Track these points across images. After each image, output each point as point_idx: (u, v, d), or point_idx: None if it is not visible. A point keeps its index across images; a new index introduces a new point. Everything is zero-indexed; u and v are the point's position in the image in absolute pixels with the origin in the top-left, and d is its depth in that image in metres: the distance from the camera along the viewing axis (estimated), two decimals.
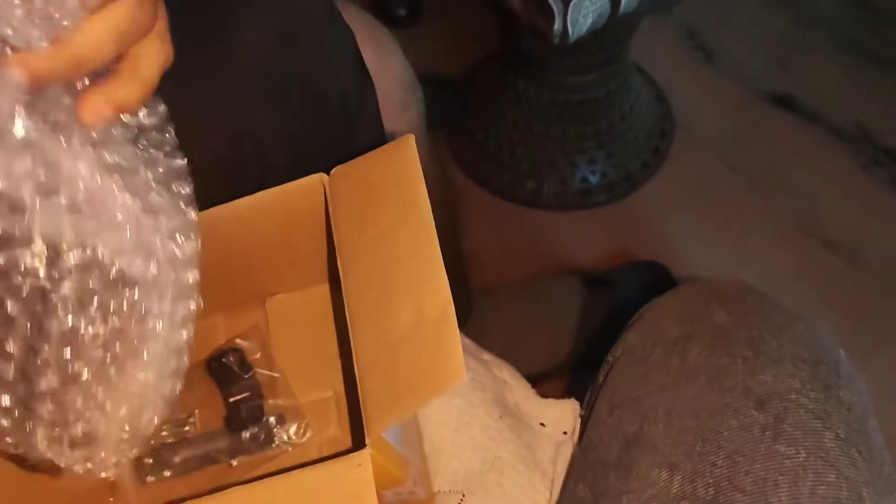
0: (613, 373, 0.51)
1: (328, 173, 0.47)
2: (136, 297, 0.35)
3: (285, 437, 0.51)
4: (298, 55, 0.53)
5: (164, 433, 0.52)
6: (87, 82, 0.33)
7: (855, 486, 0.39)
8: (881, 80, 1.29)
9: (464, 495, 0.51)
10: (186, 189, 0.38)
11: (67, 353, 0.34)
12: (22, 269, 0.31)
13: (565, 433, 0.56)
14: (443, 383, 0.35)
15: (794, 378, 0.43)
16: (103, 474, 0.39)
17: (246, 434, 0.51)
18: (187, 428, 0.52)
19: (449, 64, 1.32)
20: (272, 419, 0.51)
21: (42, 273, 0.32)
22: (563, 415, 0.57)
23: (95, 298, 0.33)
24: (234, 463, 0.50)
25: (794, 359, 0.44)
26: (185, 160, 0.38)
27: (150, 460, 0.50)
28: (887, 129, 1.23)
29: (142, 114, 0.36)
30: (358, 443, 0.37)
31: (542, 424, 0.57)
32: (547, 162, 1.17)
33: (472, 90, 1.27)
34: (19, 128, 0.29)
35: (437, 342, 0.36)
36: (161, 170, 0.37)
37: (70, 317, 0.33)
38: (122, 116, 0.34)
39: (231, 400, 0.52)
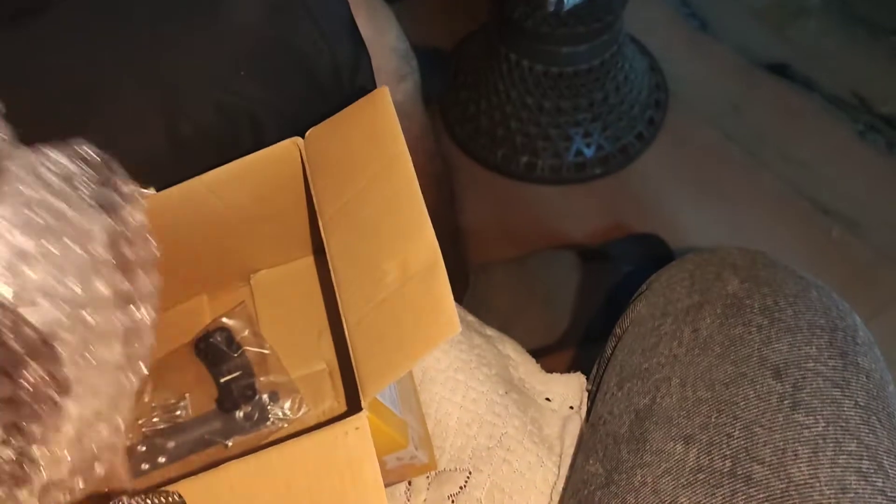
0: (622, 345, 0.49)
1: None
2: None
3: (280, 414, 0.50)
4: (290, 24, 0.51)
5: (155, 419, 0.50)
6: None
7: (876, 455, 0.38)
8: (877, 47, 1.28)
9: (470, 472, 0.50)
10: None
11: None
12: None
13: (571, 408, 0.55)
14: (435, 336, 0.34)
15: (810, 346, 0.42)
16: None
17: (239, 414, 0.50)
18: (179, 412, 0.51)
19: (441, 36, 1.30)
20: (265, 396, 0.50)
21: None
22: (569, 389, 0.55)
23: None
24: (230, 444, 0.49)
25: (810, 326, 0.43)
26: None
27: (143, 448, 0.49)
28: (883, 96, 1.23)
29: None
30: (355, 411, 0.36)
31: (547, 399, 0.55)
32: (541, 135, 1.15)
33: (465, 63, 1.25)
34: None
35: (425, 296, 0.35)
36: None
37: None
38: None
39: (222, 380, 0.51)
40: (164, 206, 0.45)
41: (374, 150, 0.41)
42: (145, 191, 0.45)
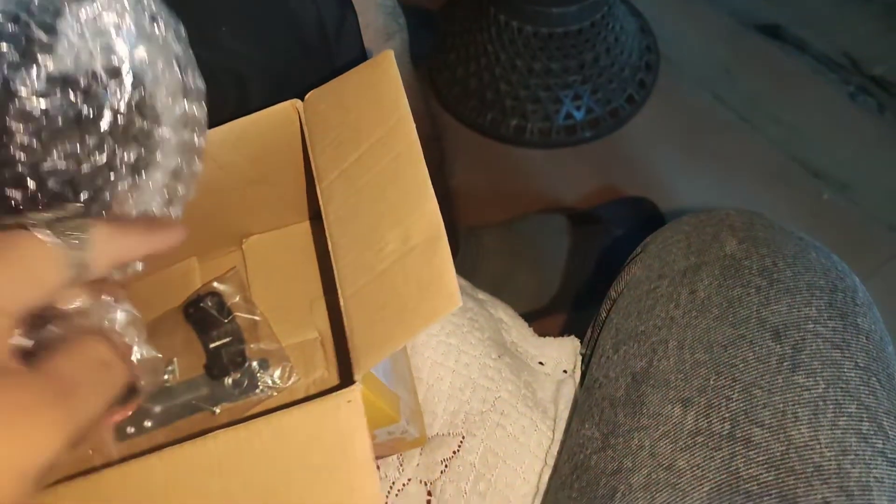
0: (617, 308, 0.48)
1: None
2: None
3: (269, 382, 0.49)
4: None
5: (142, 383, 0.49)
6: None
7: (876, 417, 0.38)
8: (868, 8, 1.26)
9: (463, 437, 0.49)
10: None
11: None
12: None
13: (565, 371, 0.55)
14: (435, 311, 0.33)
15: (810, 307, 0.41)
16: None
17: (228, 380, 0.49)
18: (166, 377, 0.50)
19: None
20: (255, 364, 0.49)
21: None
22: (562, 353, 0.55)
23: None
24: (217, 411, 0.48)
25: (809, 287, 0.42)
26: None
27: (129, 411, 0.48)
28: (874, 57, 1.22)
29: None
30: (347, 383, 0.35)
31: (540, 363, 0.55)
32: (531, 98, 1.14)
33: (452, 24, 1.22)
34: None
35: (426, 268, 0.34)
36: None
37: None
38: None
39: (211, 346, 0.50)
40: None
41: (376, 116, 0.40)
42: None
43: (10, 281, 0.27)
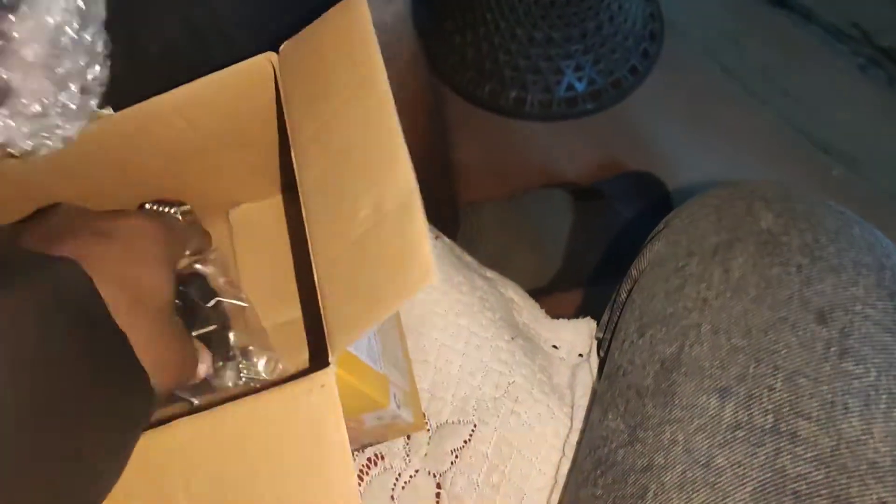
0: (639, 288, 0.45)
1: None
2: None
3: (253, 374, 0.45)
4: None
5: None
6: None
7: None
8: None
9: (475, 425, 0.46)
10: None
11: None
12: None
13: (581, 356, 0.51)
14: (407, 287, 0.29)
15: (857, 286, 0.38)
16: None
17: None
18: None
19: None
20: (239, 353, 0.45)
21: None
22: (577, 336, 0.51)
23: None
24: (196, 402, 0.45)
25: (855, 265, 0.38)
26: None
27: None
28: (884, 28, 1.18)
29: None
30: (322, 365, 0.31)
31: (554, 347, 0.51)
32: (531, 68, 1.10)
33: None
34: None
35: (399, 239, 0.30)
36: None
37: None
38: None
39: (194, 334, 0.46)
40: (123, 128, 0.40)
41: (347, 67, 0.36)
42: (103, 111, 0.40)
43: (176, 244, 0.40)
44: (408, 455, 0.46)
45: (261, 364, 0.46)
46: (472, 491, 0.44)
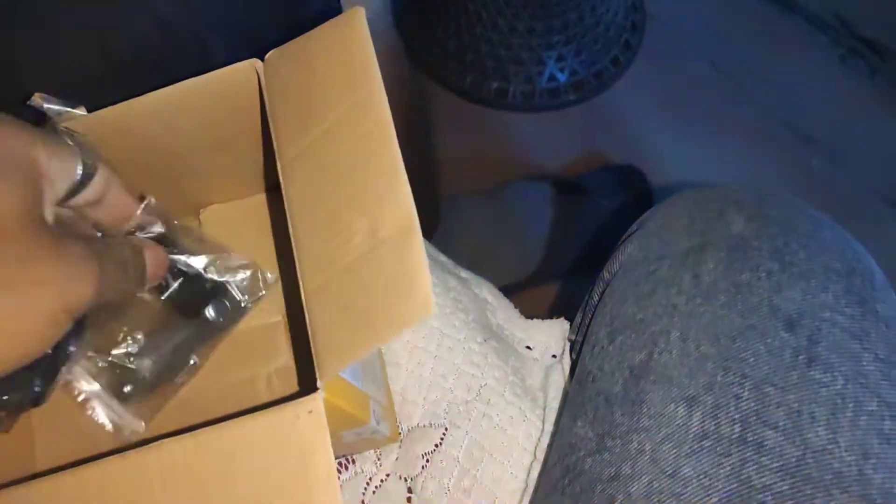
0: (611, 291, 0.45)
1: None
2: None
3: (245, 294, 0.44)
4: None
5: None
6: None
7: None
8: None
9: (446, 429, 0.46)
10: None
11: None
12: None
13: (554, 356, 0.51)
14: (406, 317, 0.29)
15: (826, 292, 0.37)
16: None
17: (209, 312, 0.44)
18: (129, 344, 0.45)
19: None
20: (226, 280, 0.44)
21: None
22: (551, 337, 0.51)
23: None
24: (195, 360, 0.44)
25: (825, 270, 0.38)
26: None
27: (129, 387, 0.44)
28: (865, 18, 1.18)
29: None
30: (306, 375, 0.31)
31: (528, 348, 0.51)
32: (513, 59, 1.09)
33: None
34: None
35: (398, 266, 0.30)
36: None
37: None
38: None
39: (165, 296, 0.44)
40: (96, 129, 0.40)
41: (344, 85, 0.35)
42: (75, 111, 0.39)
43: (56, 163, 0.34)
44: (378, 459, 0.46)
45: (244, 281, 0.44)
46: (443, 495, 0.44)
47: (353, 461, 0.46)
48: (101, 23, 0.44)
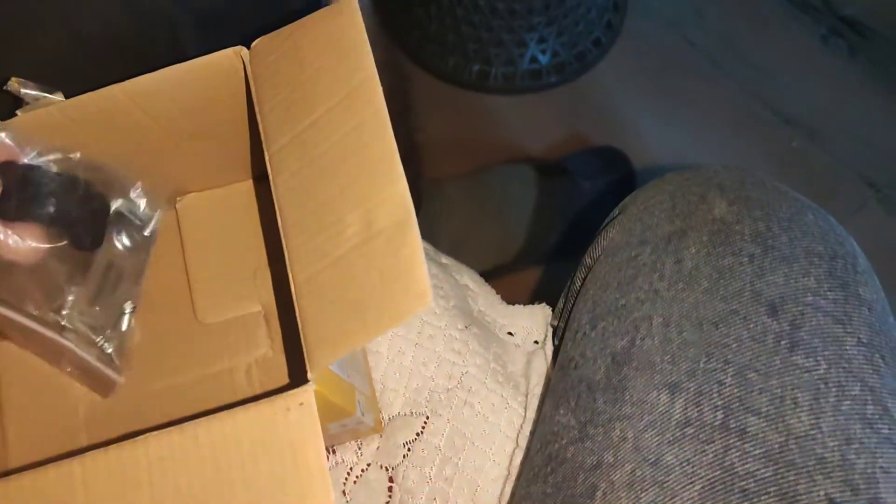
0: (594, 277, 0.44)
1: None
2: None
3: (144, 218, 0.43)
4: None
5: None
6: None
7: (880, 398, 0.34)
8: None
9: (427, 417, 0.45)
10: None
11: None
12: None
13: (536, 342, 0.50)
14: (402, 310, 0.28)
15: (809, 276, 0.37)
16: None
17: (122, 240, 0.43)
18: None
19: None
20: (122, 206, 0.42)
21: None
22: (533, 322, 0.51)
23: None
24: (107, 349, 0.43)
25: (807, 254, 0.38)
26: None
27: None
28: None
29: None
30: (294, 367, 0.30)
31: (510, 334, 0.51)
32: (494, 41, 1.08)
33: None
34: None
35: (393, 259, 0.29)
36: None
37: None
38: None
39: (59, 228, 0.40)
40: (76, 115, 0.39)
41: (336, 73, 0.34)
42: (52, 96, 0.38)
43: None
44: (359, 448, 0.45)
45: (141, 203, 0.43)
46: (424, 484, 0.43)
47: (334, 451, 0.45)
48: (72, 6, 0.42)
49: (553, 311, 0.51)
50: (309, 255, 0.32)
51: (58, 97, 0.39)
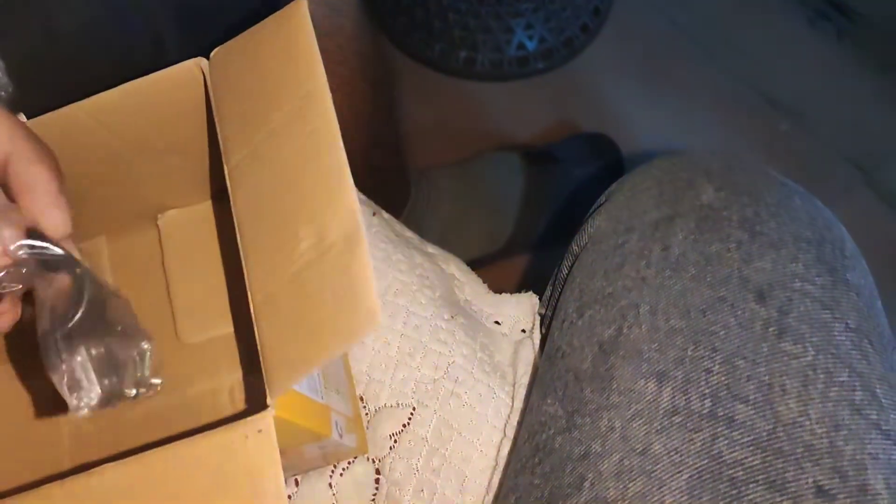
0: (580, 265, 0.44)
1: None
2: None
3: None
4: None
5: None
6: None
7: (869, 384, 0.34)
8: None
9: (414, 409, 0.45)
10: None
11: None
12: None
13: (523, 331, 0.50)
14: (352, 331, 0.28)
15: (797, 262, 0.37)
16: None
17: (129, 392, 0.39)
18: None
19: None
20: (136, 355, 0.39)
21: None
22: (520, 311, 0.50)
23: None
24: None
25: (795, 239, 0.38)
26: None
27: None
28: None
29: None
30: (257, 391, 0.30)
31: (497, 323, 0.50)
32: (481, 27, 1.08)
33: None
34: None
35: (344, 275, 0.28)
36: None
37: None
38: None
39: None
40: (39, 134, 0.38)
41: (287, 82, 0.33)
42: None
43: None
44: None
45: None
46: (411, 476, 0.43)
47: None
48: (50, 2, 0.41)
49: (540, 299, 0.51)
50: (266, 274, 0.31)
51: (20, 119, 0.38)
